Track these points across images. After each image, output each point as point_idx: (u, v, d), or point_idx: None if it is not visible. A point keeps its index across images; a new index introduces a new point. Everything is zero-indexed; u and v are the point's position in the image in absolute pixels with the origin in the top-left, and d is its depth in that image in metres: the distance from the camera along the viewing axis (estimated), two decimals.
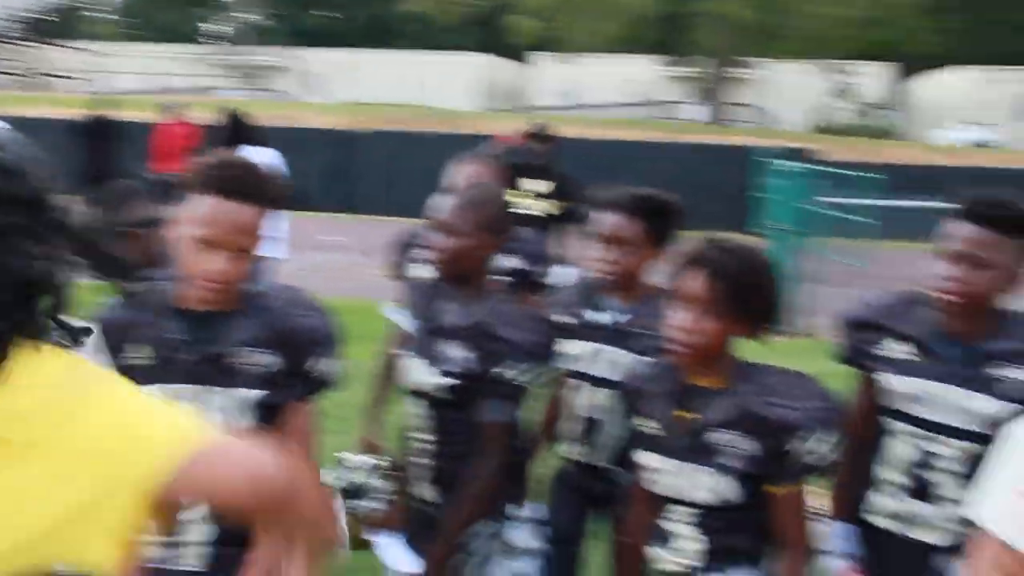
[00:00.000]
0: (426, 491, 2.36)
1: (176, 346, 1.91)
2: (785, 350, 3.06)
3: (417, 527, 2.39)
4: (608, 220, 2.49)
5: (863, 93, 34.93)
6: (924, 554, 2.17)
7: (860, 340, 2.27)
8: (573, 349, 2.53)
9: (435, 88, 41.71)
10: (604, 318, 2.55)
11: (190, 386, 1.90)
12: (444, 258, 2.30)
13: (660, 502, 2.06)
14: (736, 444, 1.95)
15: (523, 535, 2.38)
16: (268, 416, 1.94)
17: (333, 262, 10.80)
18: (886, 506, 2.21)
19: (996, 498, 1.44)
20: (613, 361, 2.48)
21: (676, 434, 2.02)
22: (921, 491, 2.16)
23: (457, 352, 2.26)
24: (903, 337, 2.19)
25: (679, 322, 1.97)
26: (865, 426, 2.26)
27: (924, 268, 2.17)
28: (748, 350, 2.08)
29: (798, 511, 2.03)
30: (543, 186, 7.30)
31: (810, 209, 8.60)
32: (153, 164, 11.39)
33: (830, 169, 11.64)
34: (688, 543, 2.03)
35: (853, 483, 2.28)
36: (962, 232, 2.07)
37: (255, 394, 1.92)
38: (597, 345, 2.53)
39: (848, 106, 34.90)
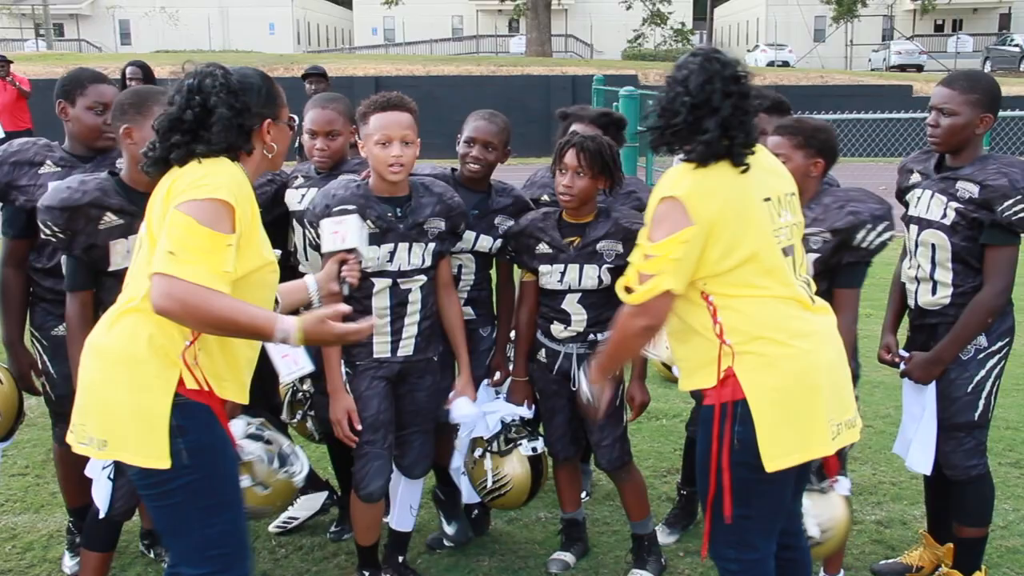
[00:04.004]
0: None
1: (391, 220, 2.92)
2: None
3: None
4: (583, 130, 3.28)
5: (673, 20, 36.36)
6: None
7: None
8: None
9: (243, 33, 40.57)
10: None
11: (404, 243, 2.93)
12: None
13: (557, 295, 3.08)
14: (610, 248, 3.03)
15: None
16: (435, 262, 3.01)
17: None
18: None
19: None
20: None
21: (567, 249, 3.07)
22: None
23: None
24: None
25: (566, 182, 3.00)
26: None
27: None
28: None
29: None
30: None
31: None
32: None
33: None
34: (578, 316, 3.09)
35: None
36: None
37: (432, 246, 2.99)
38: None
39: (660, 33, 36.31)
